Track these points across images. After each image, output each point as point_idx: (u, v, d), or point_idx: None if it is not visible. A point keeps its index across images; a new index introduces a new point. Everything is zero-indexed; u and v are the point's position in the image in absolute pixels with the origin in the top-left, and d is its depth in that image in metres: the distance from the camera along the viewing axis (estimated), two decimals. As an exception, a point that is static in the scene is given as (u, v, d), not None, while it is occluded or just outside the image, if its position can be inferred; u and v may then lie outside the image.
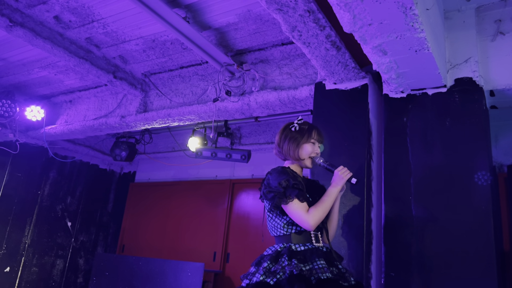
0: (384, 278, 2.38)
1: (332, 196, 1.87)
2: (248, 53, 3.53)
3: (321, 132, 2.03)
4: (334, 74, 2.84)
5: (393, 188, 2.55)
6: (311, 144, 1.98)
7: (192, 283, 4.51)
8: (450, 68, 2.62)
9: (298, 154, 1.96)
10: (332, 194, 1.88)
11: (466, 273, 2.20)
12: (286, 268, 1.68)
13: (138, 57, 3.81)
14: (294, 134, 1.99)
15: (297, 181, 1.83)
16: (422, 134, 2.56)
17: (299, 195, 1.80)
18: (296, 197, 1.79)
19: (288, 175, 1.85)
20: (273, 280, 1.66)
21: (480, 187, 2.31)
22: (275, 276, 1.67)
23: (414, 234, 2.38)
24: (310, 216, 1.78)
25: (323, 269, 1.68)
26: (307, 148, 1.96)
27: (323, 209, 1.83)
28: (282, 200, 1.80)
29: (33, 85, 4.64)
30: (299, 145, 1.96)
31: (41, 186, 5.71)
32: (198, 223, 5.66)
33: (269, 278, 1.68)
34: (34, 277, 5.52)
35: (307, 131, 1.98)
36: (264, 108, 3.52)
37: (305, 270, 1.69)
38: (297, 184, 1.81)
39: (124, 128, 4.46)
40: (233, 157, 4.52)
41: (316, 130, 2.01)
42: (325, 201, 1.85)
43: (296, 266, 1.66)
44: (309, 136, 1.97)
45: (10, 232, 5.15)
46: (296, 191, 1.80)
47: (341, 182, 1.89)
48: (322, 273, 1.67)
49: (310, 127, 2.00)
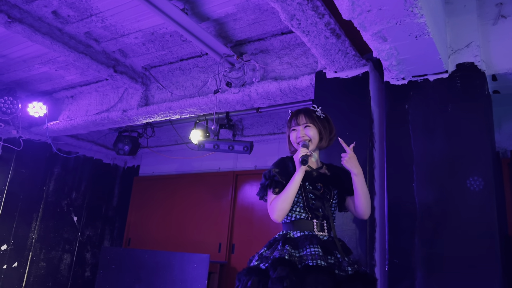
0: (388, 265, 2.39)
1: (293, 182, 1.77)
2: (247, 43, 3.51)
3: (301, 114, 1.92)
4: (334, 62, 2.82)
5: (395, 176, 2.54)
6: (293, 131, 1.95)
7: (198, 274, 4.55)
8: (451, 53, 2.60)
9: (291, 147, 1.98)
10: (293, 180, 1.77)
11: (470, 258, 2.20)
12: (276, 253, 1.69)
13: (138, 50, 3.80)
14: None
15: (277, 172, 1.83)
16: (424, 121, 2.55)
17: (271, 185, 1.81)
18: (269, 187, 1.81)
19: (275, 165, 1.88)
20: (265, 265, 1.69)
21: (483, 173, 2.30)
22: (267, 261, 1.70)
23: (417, 220, 2.38)
24: (271, 208, 1.79)
25: (314, 256, 1.67)
26: (291, 138, 1.96)
27: (283, 198, 1.76)
28: (262, 191, 1.86)
29: (34, 81, 4.64)
30: (288, 138, 1.98)
31: (46, 182, 5.75)
32: (203, 215, 5.69)
33: (262, 263, 1.71)
34: (42, 272, 5.59)
35: (288, 121, 1.98)
36: (265, 99, 3.51)
37: (297, 256, 1.69)
38: (275, 175, 1.82)
39: (126, 122, 4.47)
40: (236, 148, 4.53)
41: (294, 116, 1.94)
42: (285, 190, 1.77)
43: (286, 252, 1.67)
44: (289, 126, 1.97)
45: (17, 228, 5.20)
46: (268, 181, 1.81)
47: (297, 165, 1.79)
48: (312, 259, 1.65)
49: (290, 116, 1.97)
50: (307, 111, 1.96)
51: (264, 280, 1.63)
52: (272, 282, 1.59)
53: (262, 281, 1.62)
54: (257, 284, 1.62)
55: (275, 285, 1.57)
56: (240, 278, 1.73)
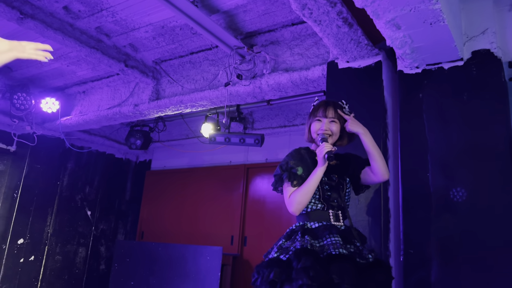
0: (403, 255, 2.38)
1: (314, 178, 1.77)
2: (258, 35, 3.49)
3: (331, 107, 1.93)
4: (346, 52, 2.79)
5: (410, 166, 2.52)
6: (317, 122, 1.93)
7: (211, 266, 4.58)
8: (466, 41, 2.55)
9: (309, 135, 1.97)
10: (314, 175, 1.78)
11: (487, 247, 2.17)
12: (297, 243, 1.69)
13: (148, 44, 3.81)
14: (308, 115, 2.00)
15: (298, 163, 1.81)
16: (439, 110, 2.51)
17: (289, 178, 1.79)
18: (287, 180, 1.79)
19: (292, 157, 1.85)
20: (285, 256, 1.69)
21: (499, 161, 2.26)
22: (287, 252, 1.70)
23: (433, 210, 2.36)
24: (289, 201, 1.78)
25: (336, 245, 1.68)
26: (313, 127, 1.94)
27: (303, 193, 1.76)
28: (278, 183, 1.85)
29: (47, 77, 4.69)
30: (309, 126, 1.96)
31: (60, 177, 5.82)
32: (215, 208, 5.72)
33: (282, 254, 1.71)
34: (58, 265, 5.68)
35: (313, 110, 1.97)
36: (276, 91, 3.49)
37: (317, 246, 1.69)
38: (293, 168, 1.80)
39: (137, 116, 4.49)
40: (247, 141, 4.52)
41: (323, 107, 1.93)
42: (306, 184, 1.77)
43: (307, 242, 1.67)
44: (314, 115, 1.95)
45: (32, 222, 5.28)
46: (286, 173, 1.79)
47: (320, 161, 1.78)
48: (334, 248, 1.66)
49: (317, 105, 1.97)
50: (337, 106, 1.97)
51: (287, 271, 1.62)
52: (296, 273, 1.58)
53: (285, 272, 1.62)
54: (280, 275, 1.61)
55: (300, 275, 1.56)
56: (259, 270, 1.72)
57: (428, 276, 2.27)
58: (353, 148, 2.14)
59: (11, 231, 5.05)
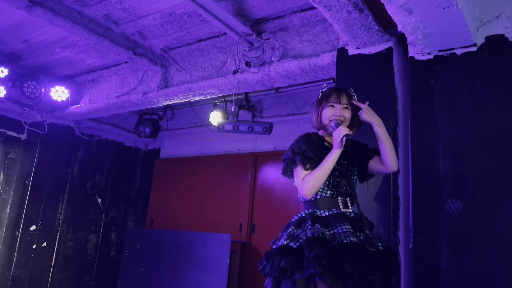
0: (412, 243, 2.37)
1: (329, 161, 1.76)
2: (266, 21, 3.45)
3: (344, 94, 1.94)
4: (357, 38, 2.75)
5: (420, 153, 2.49)
6: (330, 107, 1.92)
7: (220, 253, 4.62)
8: (480, 26, 2.49)
9: (320, 121, 1.94)
10: (330, 158, 1.77)
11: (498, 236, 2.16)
12: (308, 231, 1.68)
13: (156, 32, 3.79)
14: (317, 102, 1.98)
15: (310, 148, 1.80)
16: (451, 97, 2.47)
17: (303, 161, 1.77)
18: (301, 163, 1.77)
19: (304, 141, 1.83)
20: (296, 244, 1.68)
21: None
22: (298, 240, 1.69)
23: (443, 198, 2.34)
24: (302, 184, 1.76)
25: (347, 233, 1.68)
26: (325, 112, 1.92)
27: (316, 176, 1.75)
28: (289, 166, 1.82)
29: (56, 65, 4.71)
30: (320, 112, 1.94)
31: (70, 165, 5.89)
32: (223, 196, 5.75)
33: (292, 242, 1.70)
34: (70, 251, 5.79)
35: (324, 95, 1.95)
36: (285, 78, 3.46)
37: (328, 234, 1.69)
38: (306, 151, 1.79)
39: (146, 104, 4.50)
40: (255, 129, 4.51)
41: (336, 93, 1.93)
42: (321, 167, 1.76)
43: (318, 230, 1.67)
44: (327, 100, 1.93)
45: (44, 209, 5.37)
46: (299, 157, 1.78)
47: (336, 144, 1.78)
48: (345, 237, 1.66)
49: (330, 91, 1.96)
50: (348, 93, 1.96)
51: (298, 259, 1.62)
52: (308, 261, 1.58)
53: (296, 260, 1.62)
54: (291, 263, 1.61)
55: (312, 263, 1.56)
56: (269, 257, 1.72)
57: (437, 264, 2.26)
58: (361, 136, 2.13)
59: (24, 218, 5.14)
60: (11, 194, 5.29)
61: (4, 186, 5.33)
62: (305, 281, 1.58)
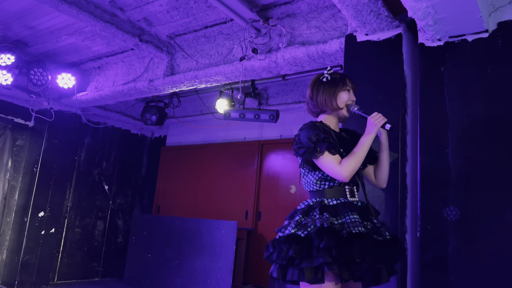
0: (420, 231, 2.36)
1: (365, 145, 1.80)
2: (273, 7, 3.41)
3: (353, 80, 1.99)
4: (365, 24, 2.70)
5: (429, 141, 2.46)
6: (347, 91, 1.92)
7: (227, 240, 4.66)
8: (492, 11, 2.44)
9: (336, 103, 1.91)
10: (365, 143, 1.81)
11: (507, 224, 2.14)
12: (317, 221, 1.68)
13: (163, 18, 3.76)
14: (327, 84, 1.93)
15: (328, 135, 1.79)
16: (461, 84, 2.43)
17: (329, 147, 1.75)
18: (327, 150, 1.75)
19: (319, 129, 1.80)
20: (304, 232, 1.67)
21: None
22: (306, 229, 1.68)
23: (451, 187, 2.32)
24: (342, 168, 1.73)
25: (355, 223, 1.68)
26: (343, 96, 1.91)
27: (356, 159, 1.77)
28: (313, 155, 1.77)
29: (62, 52, 4.70)
30: (335, 94, 1.90)
31: (78, 152, 5.93)
32: (229, 183, 5.77)
33: (300, 230, 1.69)
34: (78, 237, 5.87)
35: (340, 79, 1.93)
36: (292, 65, 3.43)
37: (336, 223, 1.69)
38: (328, 138, 1.77)
39: (152, 92, 4.49)
40: (261, 117, 4.50)
41: (347, 77, 1.95)
42: (358, 151, 1.79)
43: (327, 220, 1.66)
44: (344, 83, 1.92)
45: (52, 196, 5.42)
46: (326, 144, 1.75)
47: (374, 129, 1.82)
48: (354, 227, 1.66)
49: (343, 75, 1.96)
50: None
51: (306, 248, 1.61)
52: (317, 251, 1.58)
53: (305, 248, 1.61)
54: (300, 252, 1.61)
55: (321, 253, 1.56)
56: (276, 245, 1.71)
57: (445, 252, 2.26)
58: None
59: (32, 204, 5.20)
60: (19, 181, 5.35)
61: (12, 172, 5.39)
62: (313, 270, 1.58)
